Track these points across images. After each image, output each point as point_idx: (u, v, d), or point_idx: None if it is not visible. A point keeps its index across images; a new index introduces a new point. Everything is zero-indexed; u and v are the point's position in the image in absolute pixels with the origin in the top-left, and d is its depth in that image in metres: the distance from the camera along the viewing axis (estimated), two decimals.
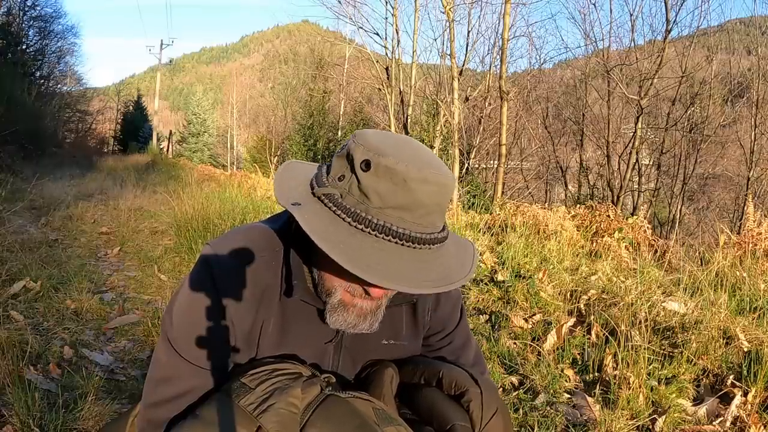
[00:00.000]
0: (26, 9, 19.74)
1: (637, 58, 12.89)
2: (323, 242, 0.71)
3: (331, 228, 0.74)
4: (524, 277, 2.99)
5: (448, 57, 11.31)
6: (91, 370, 1.88)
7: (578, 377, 2.04)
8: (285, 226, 0.92)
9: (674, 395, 1.82)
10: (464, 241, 0.90)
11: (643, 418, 1.69)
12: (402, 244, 0.75)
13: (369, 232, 0.74)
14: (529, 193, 16.49)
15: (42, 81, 21.34)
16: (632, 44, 13.72)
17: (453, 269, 0.79)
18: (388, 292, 0.86)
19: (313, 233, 0.72)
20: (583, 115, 15.87)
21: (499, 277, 3.01)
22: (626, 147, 13.86)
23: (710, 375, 1.98)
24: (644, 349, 1.93)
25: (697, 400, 1.84)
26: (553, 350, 2.21)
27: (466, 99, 14.16)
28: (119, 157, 20.68)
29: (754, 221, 3.69)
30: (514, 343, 2.29)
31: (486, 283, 3.01)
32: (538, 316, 2.57)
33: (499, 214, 4.93)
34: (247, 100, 44.65)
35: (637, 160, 14.11)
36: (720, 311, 2.27)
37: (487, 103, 15.49)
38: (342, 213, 0.75)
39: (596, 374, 2.02)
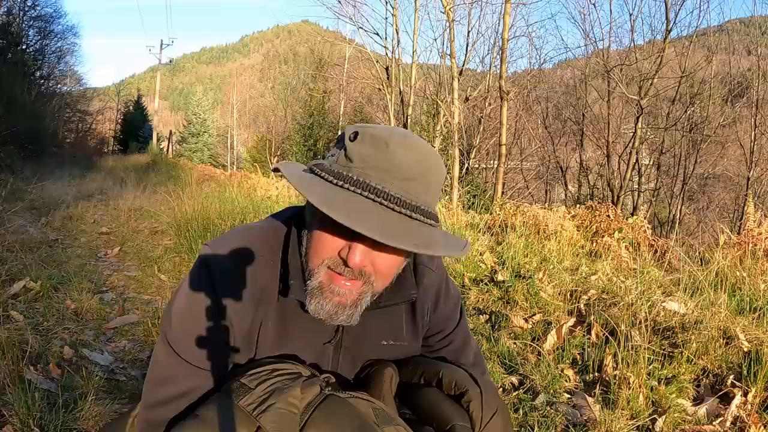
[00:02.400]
0: (26, 9, 19.70)
1: (637, 58, 12.87)
2: (300, 185, 0.76)
3: (310, 181, 0.79)
4: (524, 277, 2.99)
5: (448, 57, 11.33)
6: (91, 370, 1.88)
7: (578, 377, 2.04)
8: (283, 227, 0.92)
9: (674, 395, 1.82)
10: (458, 237, 0.91)
11: (643, 418, 1.69)
12: (380, 203, 0.76)
13: (347, 188, 0.76)
14: (529, 193, 16.49)
15: (42, 81, 21.29)
16: (632, 44, 13.70)
17: (436, 241, 0.79)
18: (369, 269, 0.82)
19: (292, 178, 0.77)
20: (583, 115, 15.85)
21: (499, 277, 3.01)
22: (626, 147, 13.85)
23: (710, 375, 1.97)
24: (644, 349, 1.93)
25: (697, 400, 1.84)
26: (553, 350, 2.20)
27: (466, 99, 14.16)
28: (119, 157, 20.71)
29: (754, 221, 3.69)
30: (514, 343, 2.29)
31: (486, 283, 3.01)
32: (538, 316, 2.57)
33: (499, 214, 4.94)
34: (247, 100, 44.54)
35: (637, 160, 14.11)
36: (720, 311, 2.27)
37: (487, 103, 15.48)
38: (325, 174, 0.79)
39: (596, 374, 2.02)
